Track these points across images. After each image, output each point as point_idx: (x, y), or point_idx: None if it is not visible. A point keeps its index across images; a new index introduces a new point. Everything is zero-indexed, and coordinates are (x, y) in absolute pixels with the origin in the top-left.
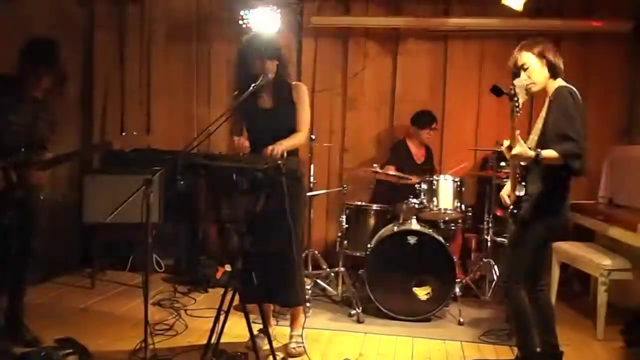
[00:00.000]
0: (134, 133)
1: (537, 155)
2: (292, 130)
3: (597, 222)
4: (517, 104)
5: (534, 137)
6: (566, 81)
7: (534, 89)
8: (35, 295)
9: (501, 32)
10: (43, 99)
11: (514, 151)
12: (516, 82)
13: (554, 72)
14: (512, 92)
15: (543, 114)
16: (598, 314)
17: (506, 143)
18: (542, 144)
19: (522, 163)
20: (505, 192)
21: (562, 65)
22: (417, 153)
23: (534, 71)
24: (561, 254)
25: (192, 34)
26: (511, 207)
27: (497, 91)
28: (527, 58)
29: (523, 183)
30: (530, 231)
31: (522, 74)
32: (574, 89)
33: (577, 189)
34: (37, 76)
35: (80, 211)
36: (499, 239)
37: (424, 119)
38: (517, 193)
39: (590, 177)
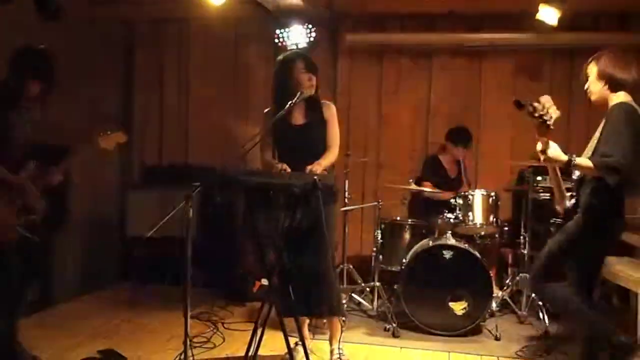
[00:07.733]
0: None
1: (571, 160)
2: (322, 146)
3: (637, 237)
4: (544, 120)
5: (588, 152)
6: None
7: (591, 97)
8: (77, 307)
9: (535, 46)
10: (31, 107)
11: (549, 153)
12: (542, 98)
13: (611, 85)
14: (531, 108)
15: (597, 133)
16: (639, 330)
17: (539, 146)
18: None
19: (557, 167)
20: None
21: (625, 77)
22: (450, 168)
23: (591, 81)
24: None
25: (230, 52)
26: (561, 217)
27: (518, 104)
28: (591, 68)
29: (572, 194)
30: (581, 243)
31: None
32: (632, 105)
33: None
34: (25, 86)
35: (122, 225)
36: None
37: (460, 136)
38: (567, 204)
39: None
